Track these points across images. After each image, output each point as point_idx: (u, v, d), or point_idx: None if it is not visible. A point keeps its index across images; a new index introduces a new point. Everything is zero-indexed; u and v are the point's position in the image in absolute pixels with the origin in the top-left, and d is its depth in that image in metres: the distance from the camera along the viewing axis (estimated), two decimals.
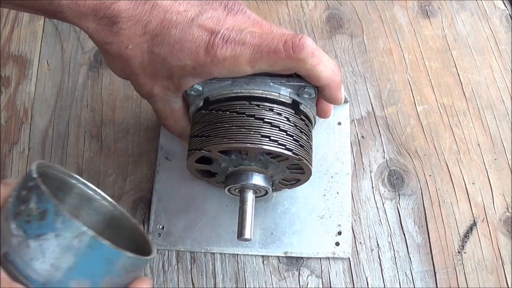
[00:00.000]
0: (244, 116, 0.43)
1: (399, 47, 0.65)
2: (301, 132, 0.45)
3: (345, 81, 0.62)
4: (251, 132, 0.43)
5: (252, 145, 0.43)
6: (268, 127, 0.43)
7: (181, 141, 0.54)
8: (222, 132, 0.43)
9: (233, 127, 0.43)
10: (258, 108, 0.44)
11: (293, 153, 0.44)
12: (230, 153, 0.46)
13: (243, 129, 0.43)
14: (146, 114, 0.61)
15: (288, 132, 0.44)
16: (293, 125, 0.45)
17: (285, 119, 0.44)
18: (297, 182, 0.51)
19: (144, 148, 0.59)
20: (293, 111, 0.45)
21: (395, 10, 0.67)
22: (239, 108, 0.44)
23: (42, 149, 0.60)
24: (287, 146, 0.44)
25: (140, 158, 0.59)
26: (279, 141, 0.43)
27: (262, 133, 0.43)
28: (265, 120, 0.43)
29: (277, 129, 0.44)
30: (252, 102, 0.44)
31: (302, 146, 0.45)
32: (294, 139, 0.44)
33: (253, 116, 0.43)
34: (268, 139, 0.43)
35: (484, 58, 0.64)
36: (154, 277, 0.53)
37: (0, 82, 0.64)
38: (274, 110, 0.44)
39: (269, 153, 0.45)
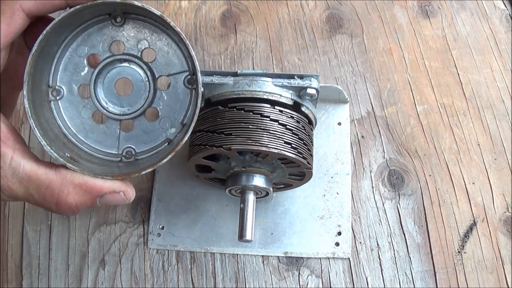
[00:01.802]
0: (268, 120, 0.43)
1: (399, 47, 0.65)
2: (308, 137, 0.46)
3: (345, 81, 0.62)
4: (275, 138, 0.43)
5: (276, 151, 0.43)
6: (290, 134, 0.44)
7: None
8: (245, 132, 0.43)
9: (258, 130, 0.43)
10: (280, 114, 0.44)
11: (307, 162, 0.45)
12: (245, 154, 0.46)
13: (267, 133, 0.43)
14: None
15: (304, 141, 0.45)
16: (303, 131, 0.45)
17: (299, 125, 0.45)
18: (293, 185, 0.51)
19: None
20: (297, 114, 0.45)
21: (395, 10, 0.67)
22: (263, 111, 0.44)
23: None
24: (304, 155, 0.44)
25: None
26: (298, 149, 0.44)
27: (285, 140, 0.43)
28: (287, 127, 0.44)
29: (296, 136, 0.44)
30: (275, 107, 0.44)
31: (312, 155, 0.46)
32: (307, 149, 0.45)
33: (276, 121, 0.44)
34: (290, 146, 0.43)
35: (484, 58, 0.64)
36: (154, 277, 0.53)
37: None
38: (284, 113, 0.44)
39: (283, 158, 0.45)
